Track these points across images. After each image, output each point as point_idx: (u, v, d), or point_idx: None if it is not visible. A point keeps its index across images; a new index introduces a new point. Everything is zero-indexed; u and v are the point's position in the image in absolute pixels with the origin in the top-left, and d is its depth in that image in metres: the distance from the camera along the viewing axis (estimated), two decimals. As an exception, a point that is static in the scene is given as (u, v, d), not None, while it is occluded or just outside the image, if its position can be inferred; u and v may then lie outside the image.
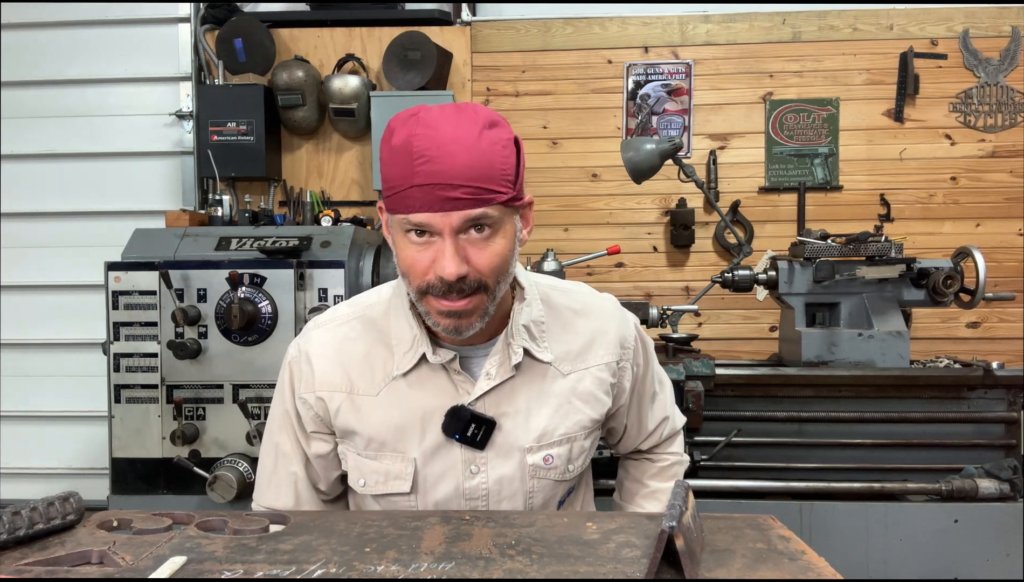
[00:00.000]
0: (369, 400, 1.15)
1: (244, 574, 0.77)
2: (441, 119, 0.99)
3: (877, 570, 2.34)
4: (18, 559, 0.81)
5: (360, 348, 1.17)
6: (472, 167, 0.97)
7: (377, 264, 2.68)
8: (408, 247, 1.03)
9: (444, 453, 1.15)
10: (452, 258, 0.99)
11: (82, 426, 3.57)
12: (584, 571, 0.80)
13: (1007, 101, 3.37)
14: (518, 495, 1.17)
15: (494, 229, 1.02)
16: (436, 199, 0.97)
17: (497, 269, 1.04)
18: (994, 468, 2.34)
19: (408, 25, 3.37)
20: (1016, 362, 3.05)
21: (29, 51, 3.58)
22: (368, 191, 3.48)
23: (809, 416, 2.49)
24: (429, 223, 0.99)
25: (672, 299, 3.46)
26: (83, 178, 3.59)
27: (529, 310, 1.17)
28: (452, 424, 1.12)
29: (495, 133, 1.01)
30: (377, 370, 1.16)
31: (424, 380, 1.14)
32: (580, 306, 1.24)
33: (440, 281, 1.00)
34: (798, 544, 0.88)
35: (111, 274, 2.56)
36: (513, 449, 1.16)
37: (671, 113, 3.48)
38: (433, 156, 0.97)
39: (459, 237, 1.00)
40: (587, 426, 1.20)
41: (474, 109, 1.02)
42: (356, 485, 1.19)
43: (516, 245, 1.08)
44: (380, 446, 1.16)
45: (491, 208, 1.00)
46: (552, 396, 1.17)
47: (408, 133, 0.99)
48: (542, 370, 1.17)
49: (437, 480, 1.16)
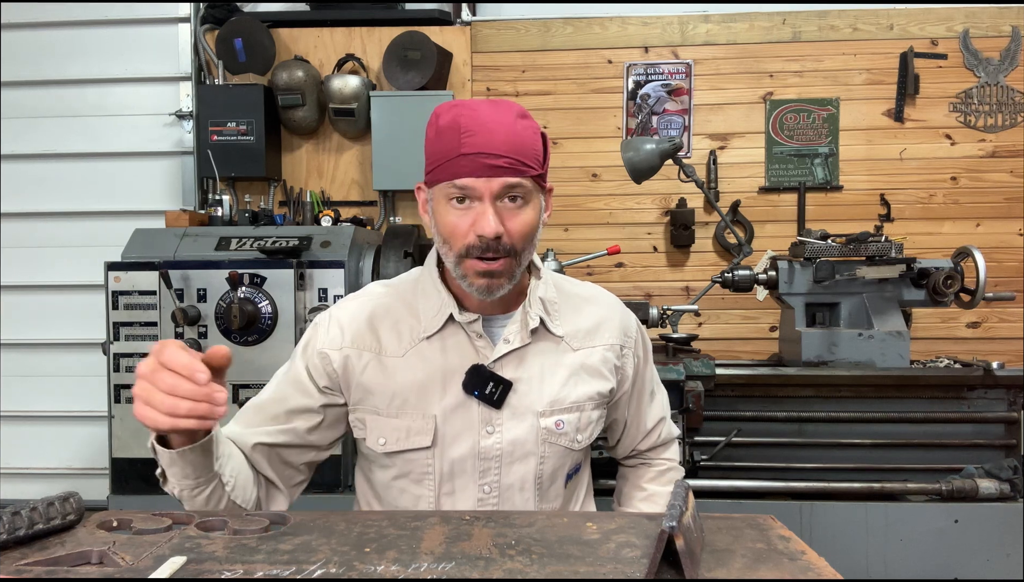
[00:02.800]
0: (395, 361, 1.24)
1: (244, 574, 0.77)
2: (482, 105, 1.15)
3: (877, 570, 2.34)
4: (18, 559, 0.81)
5: (391, 317, 1.27)
6: (510, 143, 1.12)
7: (377, 264, 2.68)
8: (451, 213, 1.15)
9: (463, 412, 1.23)
10: (492, 218, 1.12)
11: (82, 426, 3.57)
12: (584, 571, 0.80)
13: (1007, 101, 3.37)
14: (530, 458, 1.24)
15: (526, 200, 1.16)
16: (480, 166, 1.11)
17: (526, 236, 1.17)
18: (994, 468, 2.34)
19: (408, 25, 3.38)
20: (1016, 362, 3.06)
21: (29, 51, 3.58)
22: (368, 191, 3.48)
23: (809, 416, 2.49)
24: (473, 187, 1.12)
25: (672, 299, 3.46)
26: (83, 178, 3.59)
27: (545, 287, 1.30)
28: (472, 381, 1.21)
29: (527, 122, 1.17)
30: (404, 334, 1.26)
31: (447, 342, 1.24)
32: (588, 294, 1.37)
33: (479, 240, 1.13)
34: (798, 544, 0.88)
35: (111, 274, 2.56)
36: (527, 412, 1.24)
37: (671, 113, 3.48)
38: (477, 131, 1.11)
39: (496, 203, 1.13)
40: (594, 398, 1.29)
41: (507, 102, 1.18)
42: (376, 445, 1.24)
43: (540, 221, 1.21)
44: (403, 403, 1.23)
45: (525, 179, 1.14)
46: (563, 367, 1.27)
47: (455, 114, 1.13)
48: (555, 342, 1.28)
49: (455, 438, 1.23)
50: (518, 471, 1.24)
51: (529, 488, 1.25)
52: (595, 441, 1.34)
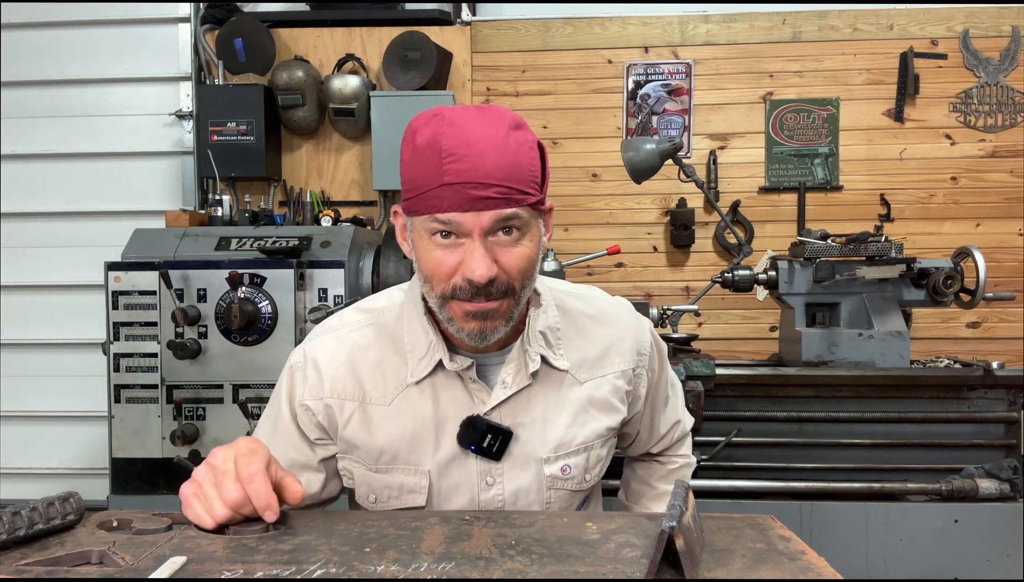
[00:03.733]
0: (381, 410, 1.10)
1: (244, 574, 0.77)
2: (467, 117, 0.96)
3: (877, 570, 2.34)
4: (18, 559, 0.81)
5: (372, 356, 1.12)
6: (502, 166, 0.94)
7: (377, 264, 2.68)
8: (433, 250, 0.98)
9: (459, 464, 1.11)
10: (482, 259, 0.95)
11: (82, 426, 3.57)
12: (584, 571, 0.79)
13: (1007, 101, 3.37)
14: (534, 506, 1.14)
15: (522, 231, 0.99)
16: (467, 198, 0.93)
17: (524, 272, 1.00)
18: (994, 468, 2.34)
19: (408, 25, 3.38)
20: (1016, 362, 3.06)
21: (29, 51, 3.58)
22: (368, 191, 3.48)
23: (809, 416, 2.49)
24: (459, 223, 0.94)
25: (672, 299, 3.46)
26: (83, 178, 3.59)
27: (545, 316, 1.13)
28: (467, 435, 1.08)
29: (521, 134, 0.98)
30: (390, 378, 1.11)
31: (438, 389, 1.10)
32: (595, 312, 1.20)
33: (468, 284, 0.96)
34: (798, 544, 0.88)
35: (111, 274, 2.56)
36: (530, 460, 1.12)
37: (671, 113, 3.48)
38: (463, 154, 0.93)
39: (488, 239, 0.96)
40: (603, 435, 1.17)
41: (497, 110, 0.99)
42: (366, 502, 1.14)
43: (541, 251, 1.04)
44: (392, 459, 1.11)
45: (521, 209, 0.96)
46: (569, 405, 1.13)
47: (434, 131, 0.95)
48: (559, 378, 1.13)
49: (451, 492, 1.12)
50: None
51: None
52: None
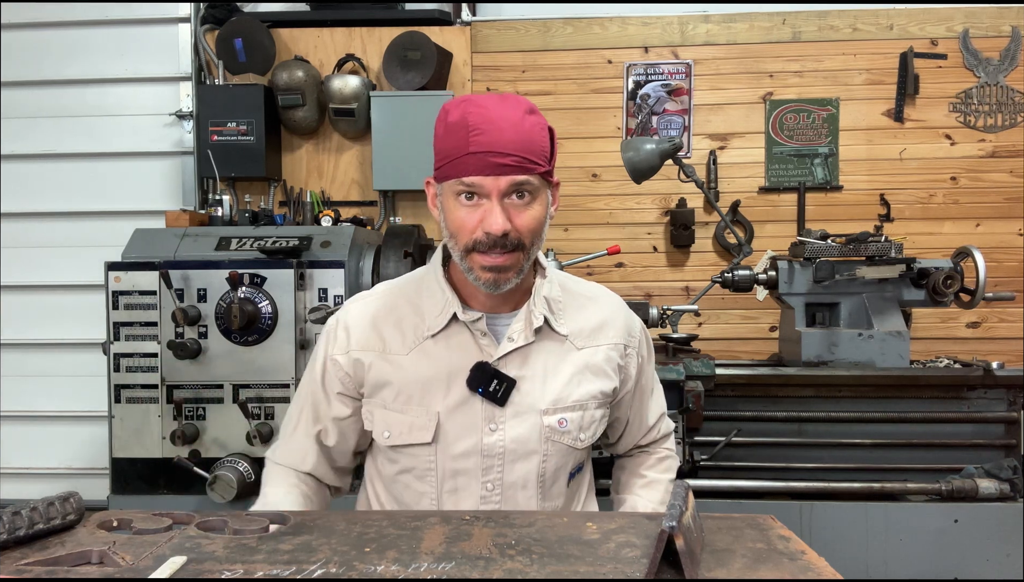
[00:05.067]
0: (400, 359, 1.27)
1: (244, 574, 0.77)
2: (490, 101, 1.17)
3: (877, 570, 2.34)
4: (18, 559, 0.81)
5: (394, 317, 1.30)
6: (517, 141, 1.14)
7: (377, 264, 2.68)
8: (459, 209, 1.18)
9: (466, 409, 1.24)
10: (499, 215, 1.14)
11: (82, 426, 3.57)
12: (584, 571, 0.80)
13: (1007, 101, 3.37)
14: (533, 456, 1.25)
15: (533, 196, 1.18)
16: (488, 164, 1.13)
17: (534, 231, 1.19)
18: (994, 468, 2.34)
19: (408, 25, 3.37)
20: (1016, 362, 3.05)
21: (29, 51, 3.57)
22: (368, 191, 3.48)
23: (809, 416, 2.49)
24: (481, 185, 1.14)
25: (672, 299, 3.46)
26: (83, 178, 3.59)
27: (550, 286, 1.30)
28: (476, 378, 1.22)
29: (535, 118, 1.18)
30: (408, 334, 1.28)
31: (452, 341, 1.26)
32: (592, 294, 1.39)
33: (487, 236, 1.15)
34: (798, 544, 0.88)
35: (111, 274, 2.56)
36: (530, 410, 1.25)
37: (671, 113, 3.48)
38: (486, 129, 1.13)
39: (504, 200, 1.16)
40: (597, 397, 1.30)
41: (516, 98, 1.20)
42: (380, 438, 1.28)
43: (548, 216, 1.23)
44: (408, 399, 1.26)
45: (532, 177, 1.16)
46: (567, 365, 1.28)
47: (463, 111, 1.15)
48: (559, 341, 1.29)
49: (458, 435, 1.24)
50: (520, 469, 1.25)
51: (532, 486, 1.25)
52: (595, 440, 1.35)
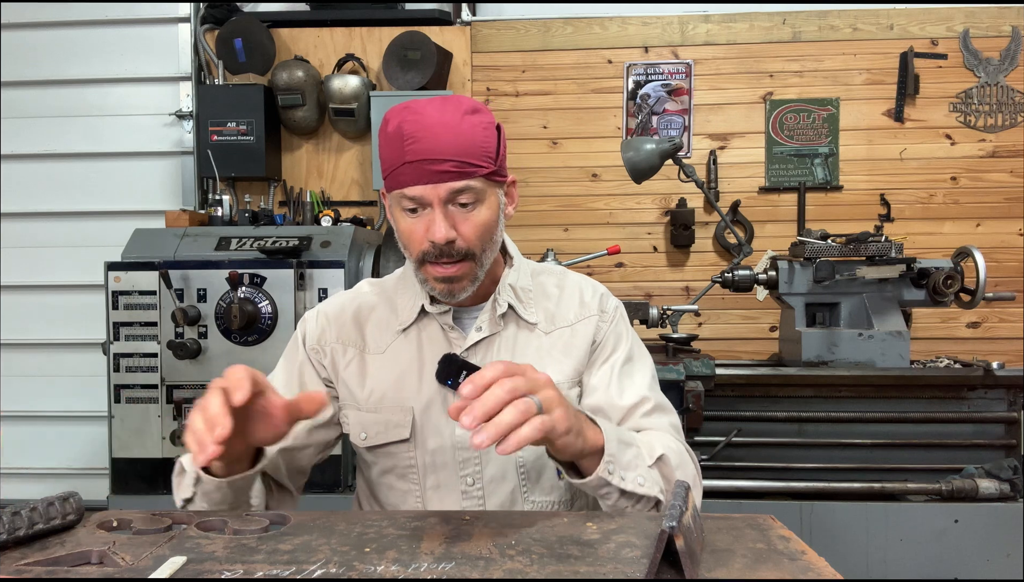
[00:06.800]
0: (377, 359, 1.27)
1: (244, 574, 0.77)
2: (428, 107, 1.13)
3: (877, 570, 2.34)
4: (18, 559, 0.81)
5: (376, 313, 1.31)
6: (455, 145, 1.10)
7: (377, 264, 2.68)
8: (405, 220, 1.16)
9: (439, 403, 1.24)
10: (441, 223, 1.12)
11: (82, 426, 3.57)
12: (584, 571, 0.80)
13: (1007, 101, 3.37)
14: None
15: (479, 199, 1.14)
16: (425, 173, 1.10)
17: (482, 237, 1.16)
18: (994, 468, 2.34)
19: (408, 25, 3.38)
20: (1016, 362, 3.05)
21: (29, 51, 3.58)
22: (368, 191, 3.48)
23: (809, 416, 2.49)
24: (421, 195, 1.12)
25: (672, 299, 3.46)
26: (83, 178, 3.59)
27: (517, 274, 1.29)
28: (445, 370, 1.18)
29: (476, 117, 1.13)
30: (384, 330, 1.29)
31: (422, 335, 1.27)
32: (562, 281, 1.35)
33: (432, 246, 1.13)
34: (798, 544, 0.88)
35: (111, 274, 2.56)
36: None
37: (671, 113, 3.48)
38: (421, 136, 1.10)
39: (447, 207, 1.13)
40: (570, 376, 1.27)
41: (458, 99, 1.15)
42: (358, 440, 1.27)
43: (501, 217, 1.20)
44: (381, 398, 1.25)
45: (474, 180, 1.12)
46: (535, 350, 1.26)
47: (399, 120, 1.12)
48: (528, 328, 1.28)
49: (433, 430, 1.24)
50: (498, 461, 1.23)
51: (512, 478, 1.23)
52: None
